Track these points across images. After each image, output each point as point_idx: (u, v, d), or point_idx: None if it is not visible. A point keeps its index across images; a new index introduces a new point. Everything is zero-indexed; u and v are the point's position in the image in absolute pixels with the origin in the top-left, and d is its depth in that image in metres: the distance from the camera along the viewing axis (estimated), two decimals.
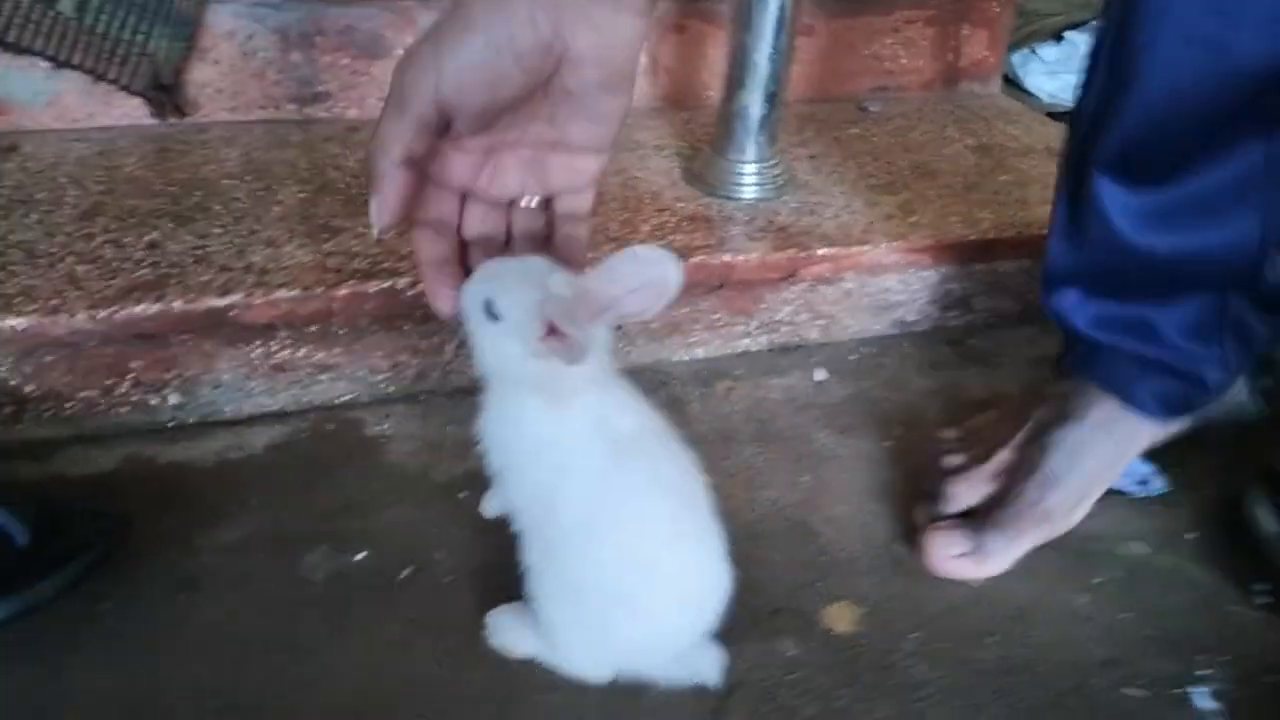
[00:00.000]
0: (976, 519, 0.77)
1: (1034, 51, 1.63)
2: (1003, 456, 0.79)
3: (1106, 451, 0.78)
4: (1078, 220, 0.79)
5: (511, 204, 0.61)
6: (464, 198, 0.60)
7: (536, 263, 0.57)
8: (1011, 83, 1.60)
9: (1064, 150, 0.80)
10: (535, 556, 0.62)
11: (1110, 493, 0.81)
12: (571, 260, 0.59)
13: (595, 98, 0.55)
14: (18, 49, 1.01)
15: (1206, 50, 0.67)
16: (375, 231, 0.55)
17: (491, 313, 0.56)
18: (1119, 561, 0.79)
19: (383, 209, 0.54)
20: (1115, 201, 0.75)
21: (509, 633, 0.67)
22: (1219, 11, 0.66)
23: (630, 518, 0.59)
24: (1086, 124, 0.76)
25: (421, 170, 0.55)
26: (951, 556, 0.75)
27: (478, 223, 0.60)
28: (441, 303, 0.58)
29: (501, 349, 0.57)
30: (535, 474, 0.60)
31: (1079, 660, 0.70)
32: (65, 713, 0.62)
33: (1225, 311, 0.76)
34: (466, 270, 0.59)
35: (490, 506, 0.76)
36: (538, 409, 0.58)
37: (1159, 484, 0.84)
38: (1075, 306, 0.81)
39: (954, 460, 0.81)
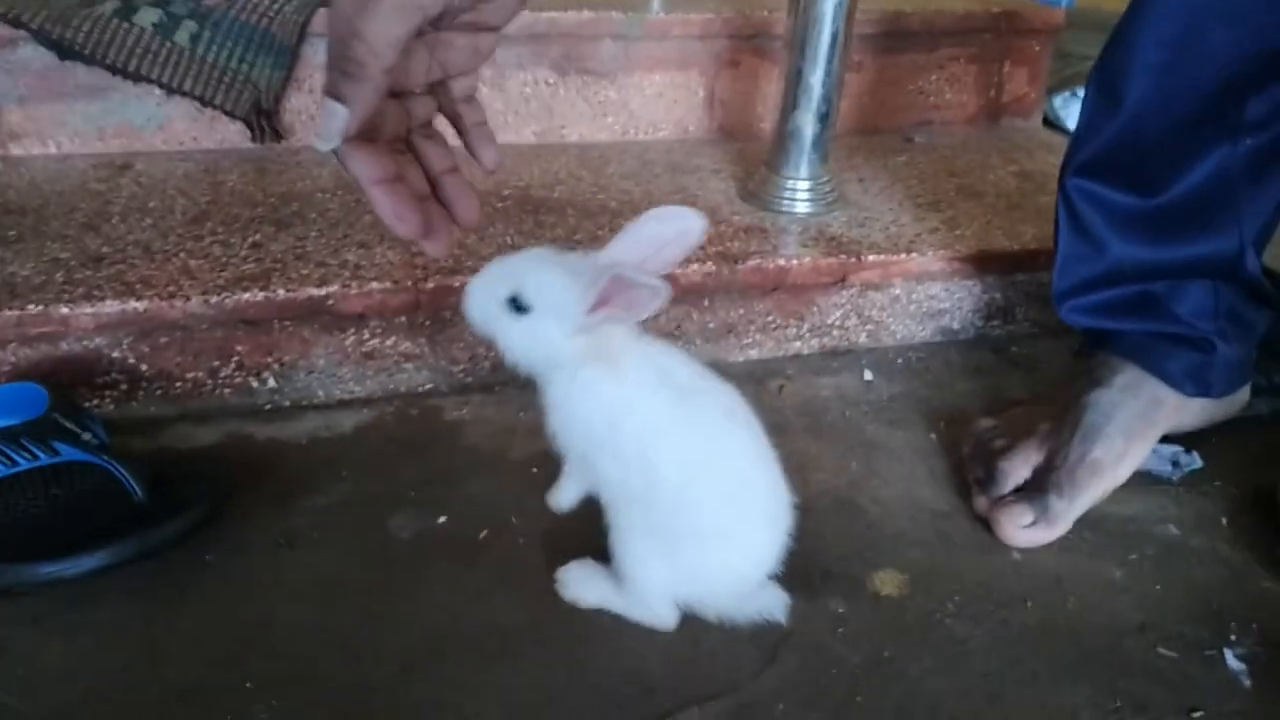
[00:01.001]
0: (1032, 489, 0.82)
1: (1074, 94, 1.69)
2: (1042, 429, 0.84)
3: (1136, 409, 0.83)
4: (1075, 232, 0.86)
5: (403, 94, 0.57)
6: None
7: (537, 252, 0.62)
8: (1053, 125, 1.66)
9: (1061, 167, 0.87)
10: (630, 518, 0.66)
11: (1144, 477, 0.86)
12: (486, 149, 0.60)
13: None
14: (136, 77, 1.12)
15: (1175, 64, 0.77)
16: (332, 144, 0.51)
17: (519, 306, 0.60)
18: (1154, 541, 0.83)
19: (354, 117, 0.50)
20: (1106, 211, 0.84)
21: (580, 584, 0.72)
22: (1186, 28, 0.75)
23: (721, 454, 0.65)
24: (1079, 141, 0.85)
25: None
26: (1022, 528, 0.80)
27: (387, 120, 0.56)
28: (409, 225, 0.55)
29: (539, 336, 0.60)
30: (623, 443, 0.63)
31: (1114, 624, 0.74)
32: (179, 641, 0.69)
33: (1219, 297, 0.83)
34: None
35: (564, 497, 0.74)
36: (599, 384, 0.62)
37: (1191, 460, 0.88)
38: (1084, 308, 0.88)
39: (1000, 442, 0.86)
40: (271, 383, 0.92)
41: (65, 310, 0.83)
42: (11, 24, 1.08)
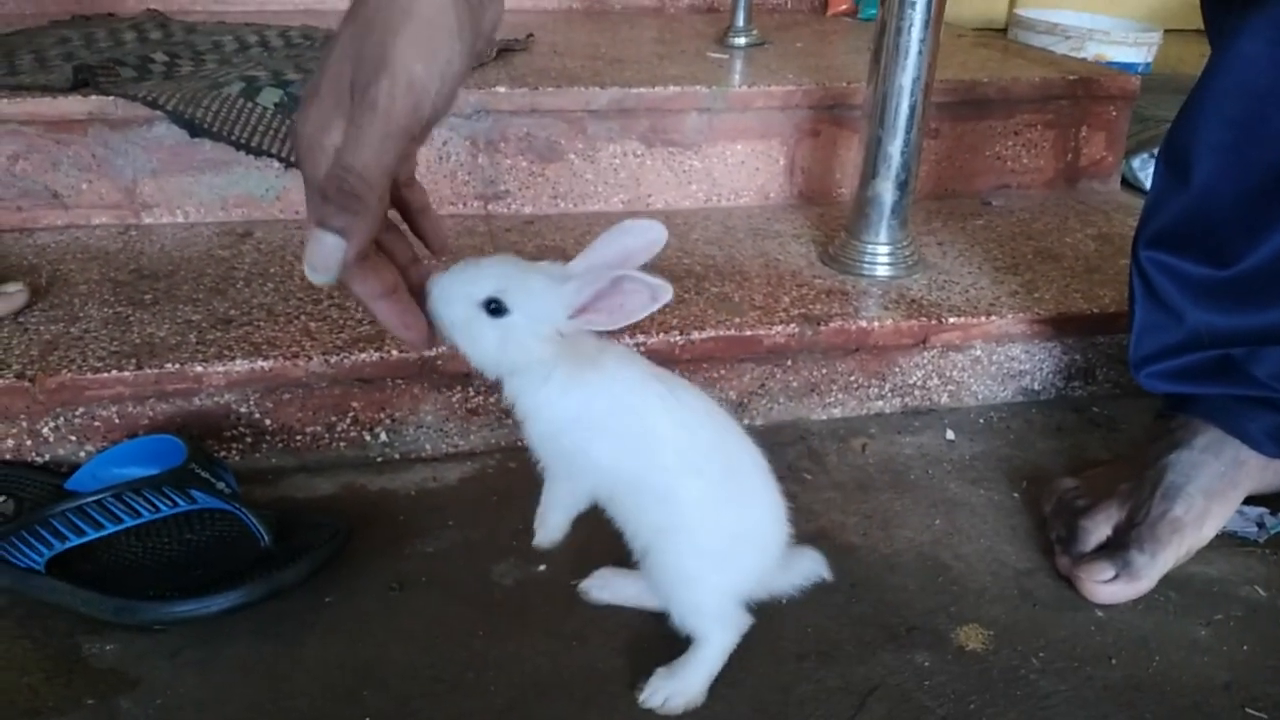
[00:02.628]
0: (1114, 546, 0.83)
1: (1152, 155, 1.71)
2: (1123, 488, 0.85)
3: (1218, 469, 0.84)
4: (1150, 301, 0.89)
5: None
6: None
7: (506, 257, 0.62)
8: (1132, 186, 1.67)
9: (1134, 238, 0.90)
10: (652, 524, 0.69)
11: (1230, 538, 0.87)
12: (435, 233, 0.62)
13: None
14: (258, 152, 1.21)
15: (1240, 143, 0.80)
16: (329, 277, 0.51)
17: (496, 308, 0.60)
18: (1239, 602, 0.83)
19: (353, 250, 0.50)
20: (1180, 282, 0.87)
21: (610, 586, 0.76)
22: (1249, 110, 0.78)
23: (720, 439, 0.69)
24: (1150, 214, 0.88)
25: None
26: (1104, 582, 0.82)
27: None
28: (417, 333, 0.58)
29: (515, 339, 0.61)
30: (621, 431, 0.66)
31: (1200, 683, 0.75)
32: (302, 676, 0.74)
33: None
34: None
35: (551, 530, 0.73)
36: (589, 379, 0.64)
37: (1276, 522, 0.89)
38: (1162, 374, 0.90)
39: (1082, 501, 0.88)
40: (383, 437, 0.98)
41: (199, 369, 0.91)
42: (150, 105, 1.18)
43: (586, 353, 0.65)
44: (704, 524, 0.68)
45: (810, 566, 0.77)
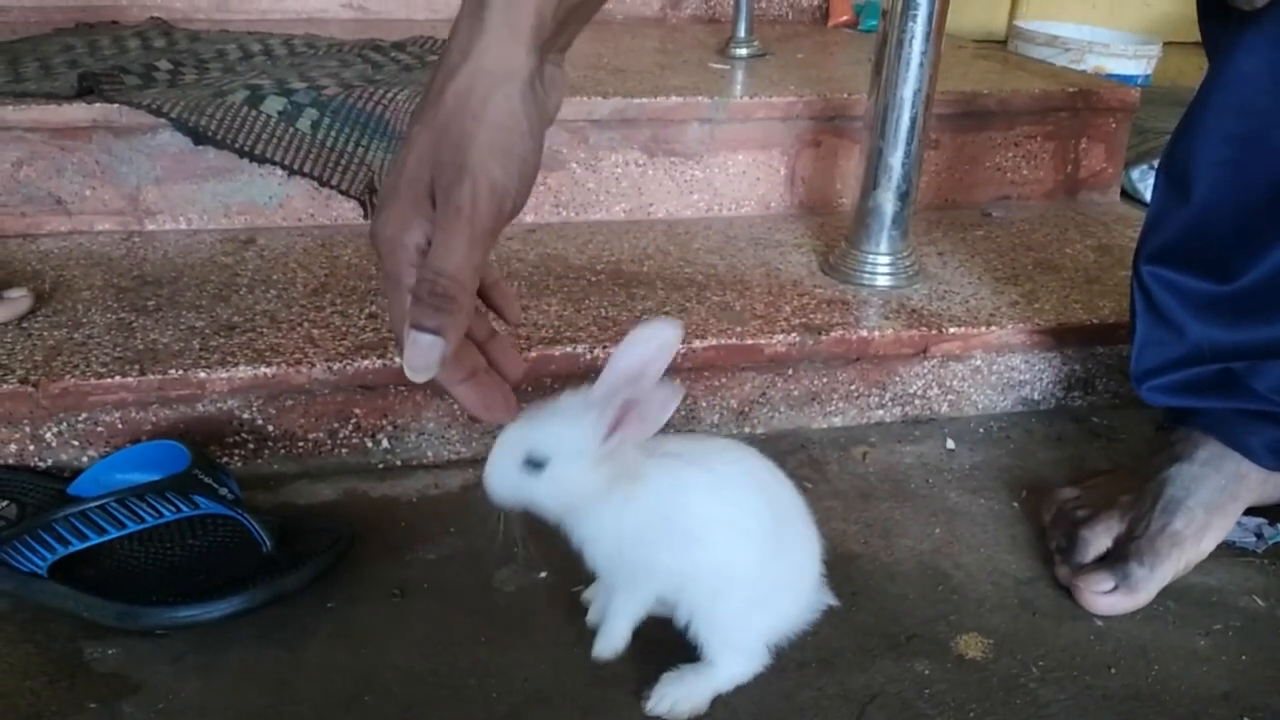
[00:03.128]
0: (1113, 558, 0.84)
1: (1152, 166, 1.71)
2: (1124, 500, 0.86)
3: (1218, 483, 0.85)
4: (1152, 316, 0.89)
5: None
6: None
7: (530, 410, 0.65)
8: (1131, 197, 1.68)
9: (1135, 254, 0.90)
10: (707, 592, 0.70)
11: (1228, 548, 0.87)
12: (509, 306, 0.64)
13: None
14: (262, 159, 1.22)
15: (1241, 160, 0.81)
16: (429, 375, 0.53)
17: (535, 463, 0.63)
18: (1238, 612, 0.84)
19: (450, 347, 0.52)
20: (1182, 297, 0.87)
21: (679, 695, 0.73)
22: (1250, 127, 0.79)
23: (766, 495, 0.70)
24: (1151, 230, 0.88)
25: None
26: (1103, 593, 0.82)
27: None
28: (497, 410, 0.60)
29: (564, 482, 0.64)
30: (678, 547, 0.67)
31: (1199, 693, 0.75)
32: (304, 682, 0.74)
33: None
34: None
35: (616, 639, 0.71)
36: (659, 491, 0.66)
37: (1275, 532, 0.89)
38: (1164, 388, 0.90)
39: (1082, 512, 0.88)
40: (385, 443, 0.98)
41: (203, 375, 0.91)
42: (154, 113, 1.18)
43: (631, 467, 0.66)
44: (755, 579, 0.70)
45: (818, 597, 0.77)
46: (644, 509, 0.66)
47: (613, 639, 0.72)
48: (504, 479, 0.65)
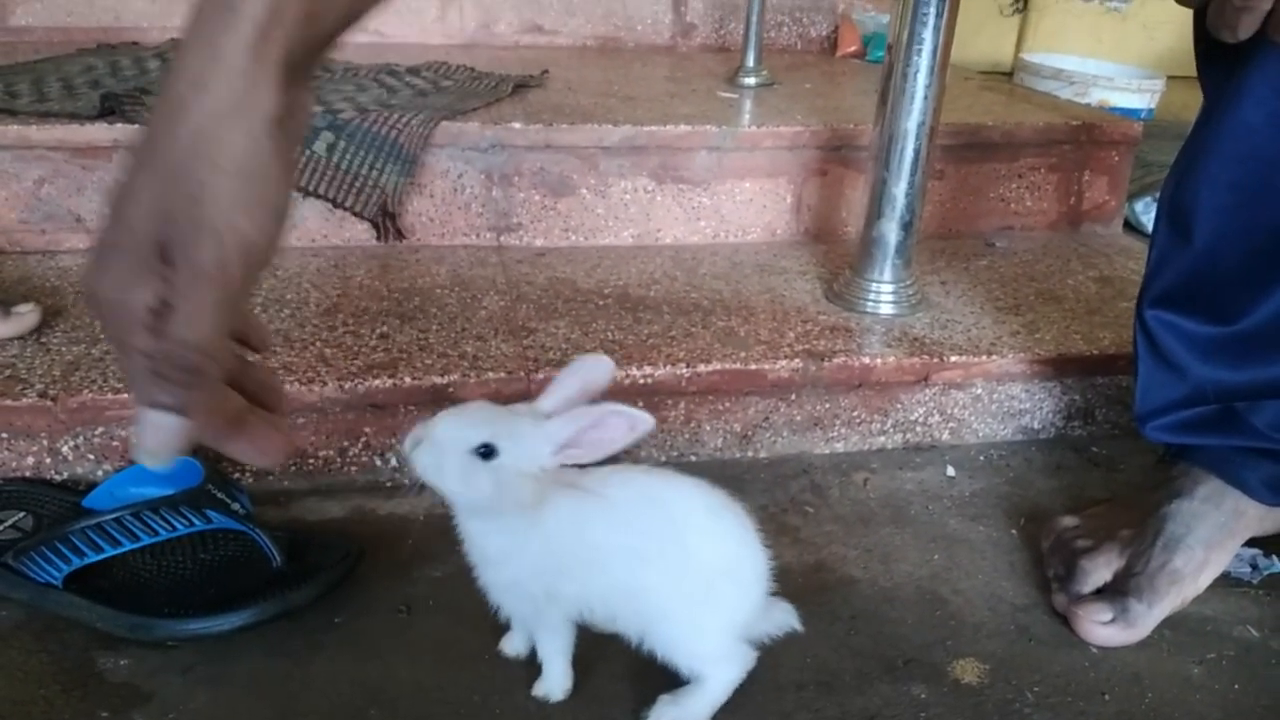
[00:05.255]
0: (1112, 592, 0.85)
1: (1155, 200, 1.74)
2: (1124, 534, 0.87)
3: (1218, 520, 0.86)
4: (1155, 359, 0.91)
5: None
6: None
7: (484, 404, 0.68)
8: (1134, 229, 1.70)
9: (1138, 298, 0.92)
10: (651, 632, 0.72)
11: (1224, 579, 0.88)
12: (264, 338, 0.55)
13: None
14: None
15: (1243, 206, 0.82)
16: (166, 460, 0.45)
17: (487, 452, 0.64)
18: (1232, 642, 0.85)
19: (196, 426, 0.45)
20: (1185, 339, 0.89)
21: (675, 715, 0.74)
22: (1252, 174, 0.81)
23: (660, 501, 0.72)
24: (1153, 274, 0.90)
25: None
26: (1101, 624, 0.83)
27: None
28: (275, 452, 0.50)
29: (508, 479, 0.65)
30: (592, 570, 0.70)
31: None
32: (311, 694, 0.75)
33: None
34: None
35: (557, 680, 0.76)
36: (557, 527, 0.68)
37: (1270, 564, 0.90)
38: (1167, 427, 0.92)
39: (1082, 542, 0.89)
40: (394, 462, 1.00)
41: None
42: None
43: (543, 493, 0.68)
44: (675, 585, 0.71)
45: (783, 617, 0.78)
46: (545, 537, 0.69)
47: (554, 680, 0.76)
48: (449, 455, 0.65)
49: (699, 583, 0.71)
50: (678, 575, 0.71)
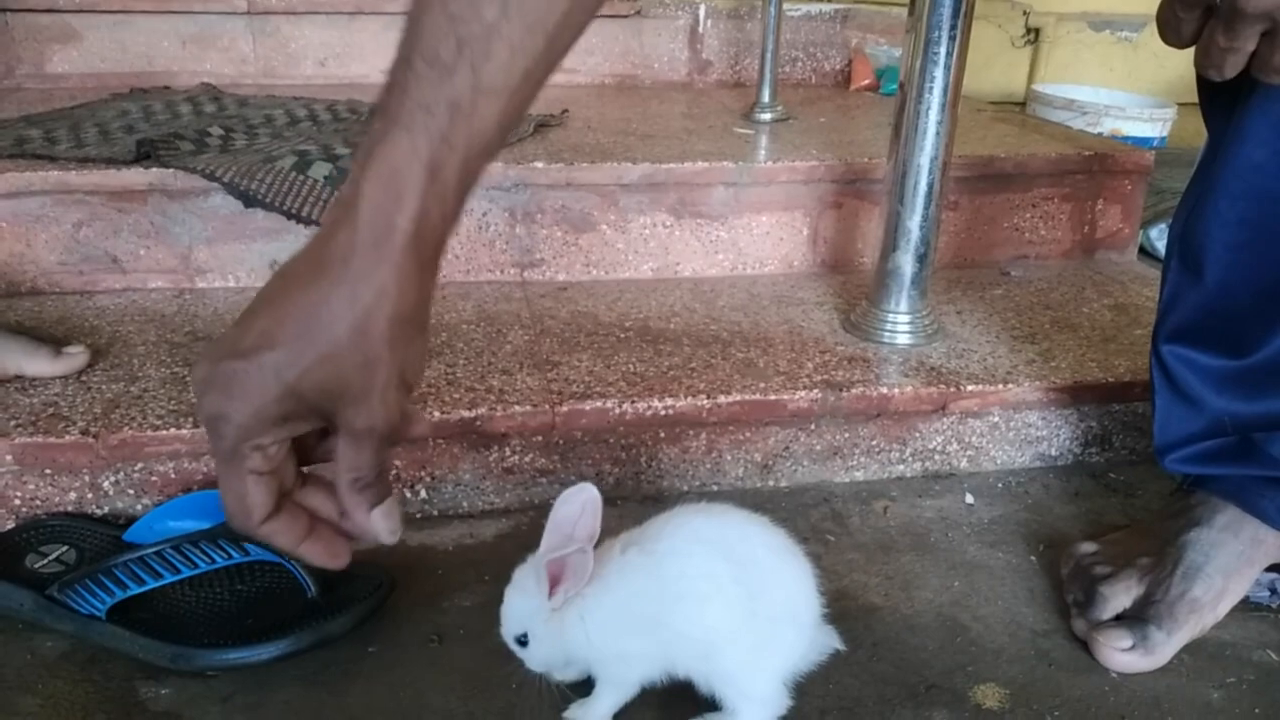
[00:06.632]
0: (1132, 619, 0.86)
1: (1169, 226, 1.75)
2: (1144, 562, 0.88)
3: (1237, 548, 0.87)
4: (1172, 392, 0.92)
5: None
6: None
7: (513, 588, 0.76)
8: (1149, 254, 1.71)
9: (1153, 333, 0.94)
10: (704, 666, 0.74)
11: (1243, 603, 0.89)
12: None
13: None
14: (308, 221, 1.28)
15: (1254, 242, 0.84)
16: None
17: (521, 642, 0.75)
18: (1252, 666, 0.86)
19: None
20: (1201, 373, 0.90)
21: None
22: (1262, 211, 0.82)
23: (720, 543, 0.74)
24: (1167, 310, 0.91)
25: None
26: (1121, 650, 0.84)
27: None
28: (342, 559, 0.64)
29: (547, 647, 0.74)
30: (653, 625, 0.73)
31: None
32: None
33: None
34: None
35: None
36: (609, 594, 0.73)
37: None
38: (1186, 458, 0.93)
39: (1101, 569, 0.90)
40: (423, 494, 1.02)
41: None
42: (208, 178, 1.25)
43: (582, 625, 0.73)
44: (735, 630, 0.73)
45: (826, 640, 0.80)
46: (600, 606, 0.73)
47: (595, 714, 0.78)
48: (518, 652, 0.76)
49: (761, 623, 0.73)
50: (740, 615, 0.73)
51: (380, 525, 0.60)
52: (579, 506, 0.73)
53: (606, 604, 0.73)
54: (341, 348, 0.52)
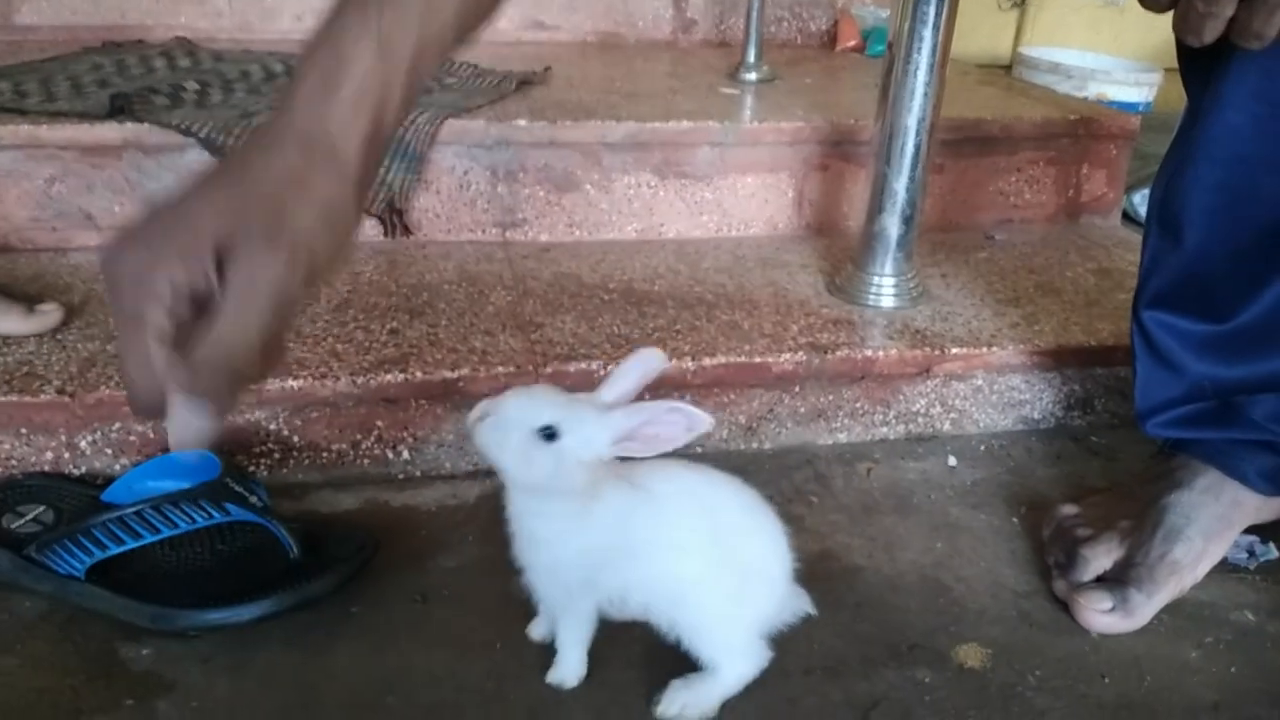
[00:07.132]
0: (1112, 580, 0.87)
1: None
2: (1124, 524, 0.89)
3: (1216, 512, 0.88)
4: (1153, 358, 0.93)
5: None
6: None
7: (549, 388, 0.71)
8: (1132, 219, 1.72)
9: (1134, 299, 0.94)
10: (679, 618, 0.74)
11: (1221, 565, 0.90)
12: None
13: None
14: None
15: (1231, 206, 0.84)
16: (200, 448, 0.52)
17: (551, 434, 0.66)
18: (1229, 626, 0.87)
19: (229, 410, 0.52)
20: (1181, 338, 0.91)
21: (688, 700, 0.76)
22: (1237, 175, 0.82)
23: (704, 496, 0.74)
24: (1147, 275, 0.91)
25: None
26: (1101, 612, 0.85)
27: None
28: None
29: (568, 462, 0.67)
30: (634, 561, 0.72)
31: (1189, 703, 0.78)
32: (329, 683, 0.77)
33: None
34: None
35: (572, 668, 0.78)
36: (608, 521, 0.70)
37: (1267, 550, 0.92)
38: (1167, 423, 0.93)
39: (1082, 531, 0.91)
40: (406, 455, 1.02)
41: None
42: (183, 133, 1.23)
43: (599, 483, 0.70)
44: (713, 579, 0.73)
45: (798, 604, 0.81)
46: (592, 527, 0.71)
47: (569, 668, 0.78)
48: (513, 432, 0.67)
49: (734, 578, 0.73)
50: (716, 570, 0.73)
51: (179, 414, 0.50)
52: (652, 368, 0.71)
53: (599, 529, 0.71)
54: (253, 183, 0.49)
